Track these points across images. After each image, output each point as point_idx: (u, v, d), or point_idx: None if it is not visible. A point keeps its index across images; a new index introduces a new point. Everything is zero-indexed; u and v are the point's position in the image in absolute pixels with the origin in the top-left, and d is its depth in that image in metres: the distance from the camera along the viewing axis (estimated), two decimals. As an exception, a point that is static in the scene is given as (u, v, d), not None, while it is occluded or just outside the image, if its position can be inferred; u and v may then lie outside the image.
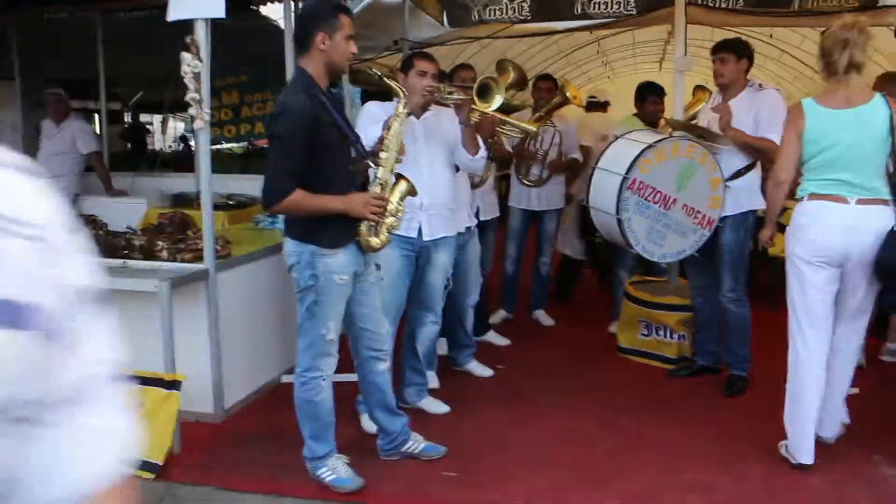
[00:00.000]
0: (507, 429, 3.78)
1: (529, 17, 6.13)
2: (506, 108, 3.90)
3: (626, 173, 4.05)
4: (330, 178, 2.94)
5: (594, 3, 5.91)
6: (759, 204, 4.17)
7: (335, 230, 2.97)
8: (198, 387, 3.74)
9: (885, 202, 3.10)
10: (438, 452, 3.45)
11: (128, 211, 4.94)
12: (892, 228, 3.04)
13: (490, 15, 6.17)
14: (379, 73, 3.35)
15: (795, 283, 3.23)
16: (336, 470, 3.18)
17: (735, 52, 4.15)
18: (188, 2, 3.55)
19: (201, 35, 3.56)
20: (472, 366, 4.56)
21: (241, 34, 6.67)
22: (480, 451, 3.51)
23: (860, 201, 3.09)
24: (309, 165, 2.89)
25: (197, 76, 3.57)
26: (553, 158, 5.31)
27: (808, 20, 5.40)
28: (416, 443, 3.43)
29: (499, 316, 5.65)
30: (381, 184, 3.04)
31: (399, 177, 3.07)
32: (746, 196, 4.17)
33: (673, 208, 4.14)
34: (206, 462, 3.46)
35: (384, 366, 3.33)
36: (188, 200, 5.72)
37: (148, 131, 14.29)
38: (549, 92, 5.26)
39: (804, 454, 3.25)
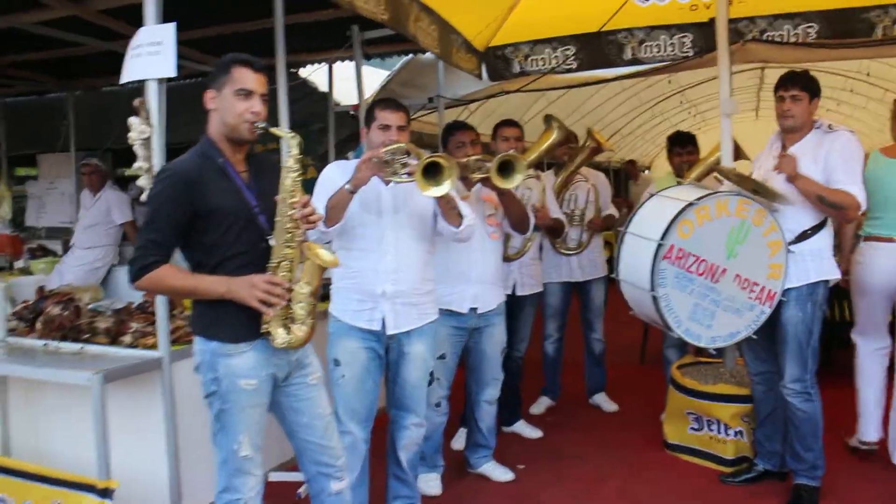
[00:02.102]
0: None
1: (575, 67, 5.57)
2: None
3: (662, 239, 3.33)
4: (228, 255, 2.44)
5: (646, 46, 5.31)
6: (830, 272, 3.42)
7: (236, 322, 2.44)
8: (152, 490, 3.31)
9: None
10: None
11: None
12: None
13: (533, 66, 5.66)
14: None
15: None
16: None
17: (809, 89, 3.43)
18: (138, 63, 3.23)
19: (153, 97, 3.21)
20: (486, 468, 3.90)
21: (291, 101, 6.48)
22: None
23: None
24: (200, 239, 2.43)
25: (146, 142, 3.21)
26: (592, 217, 4.66)
27: (892, 49, 4.58)
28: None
29: (542, 405, 4.97)
30: (278, 261, 2.47)
31: (312, 250, 2.49)
32: (815, 263, 3.41)
33: (722, 280, 3.38)
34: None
35: (338, 485, 2.76)
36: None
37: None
38: (569, 147, 4.65)
39: None
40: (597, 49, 5.44)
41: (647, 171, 14.87)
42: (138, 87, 3.27)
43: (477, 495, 3.70)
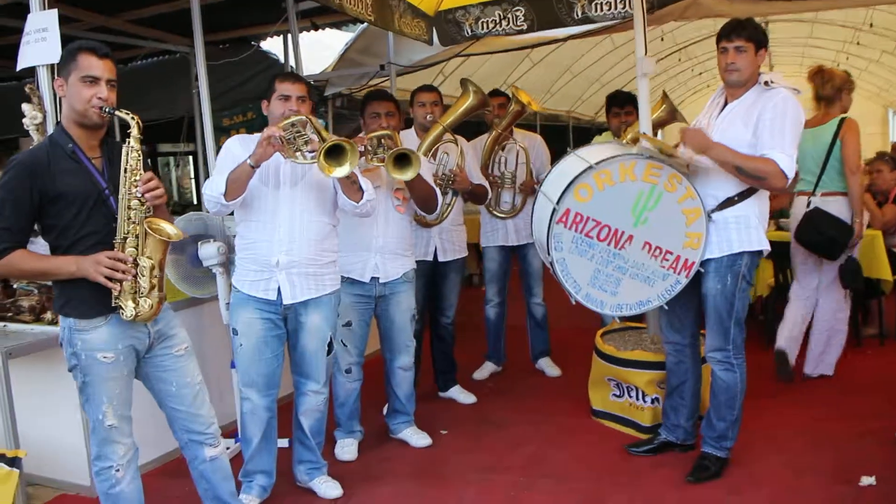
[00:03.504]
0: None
1: (525, 28, 5.47)
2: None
3: (557, 203, 3.23)
4: (80, 236, 2.50)
5: (595, 4, 5.17)
6: (757, 243, 3.22)
7: (87, 298, 2.51)
8: (74, 456, 3.47)
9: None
10: (284, 551, 2.91)
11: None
12: None
13: (483, 28, 5.58)
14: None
15: None
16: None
17: (755, 39, 3.15)
18: (28, 51, 3.29)
19: (43, 83, 3.27)
20: (405, 433, 3.95)
21: (245, 71, 6.52)
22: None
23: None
24: (53, 223, 2.50)
25: (39, 127, 3.28)
26: (524, 180, 4.61)
27: None
28: (256, 540, 2.91)
29: (485, 370, 4.97)
30: (123, 237, 2.51)
31: (153, 225, 2.54)
32: (739, 232, 3.21)
33: (629, 248, 3.26)
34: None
35: (212, 451, 2.84)
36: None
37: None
38: (501, 108, 4.58)
39: None
40: (547, 9, 5.33)
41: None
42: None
43: (388, 461, 3.74)
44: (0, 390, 3.17)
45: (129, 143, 2.52)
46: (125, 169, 2.51)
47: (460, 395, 4.53)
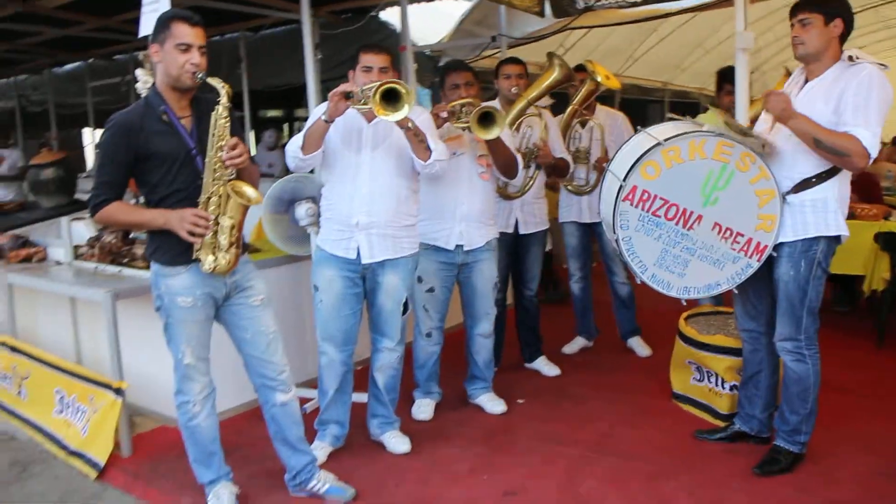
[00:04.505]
0: (459, 481, 3.28)
1: (639, 1, 5.33)
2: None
3: (624, 180, 3.18)
4: (169, 192, 2.77)
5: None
6: (835, 227, 3.06)
7: (172, 248, 2.78)
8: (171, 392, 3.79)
9: None
10: (344, 496, 3.11)
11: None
12: None
13: (596, 0, 5.48)
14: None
15: None
16: (219, 499, 3.03)
17: (822, 10, 2.97)
18: (146, 20, 3.61)
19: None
20: (481, 399, 4.06)
21: (362, 40, 6.73)
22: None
23: None
24: (145, 179, 2.78)
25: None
26: (599, 157, 4.54)
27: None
28: (321, 483, 3.13)
29: (576, 345, 4.99)
30: (207, 197, 2.75)
31: (235, 188, 2.75)
32: (816, 216, 3.07)
33: (697, 228, 3.18)
34: (139, 470, 3.47)
35: (283, 397, 3.07)
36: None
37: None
38: (579, 83, 4.50)
39: None
40: (663, -20, 5.18)
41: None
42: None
43: (461, 424, 3.87)
44: (107, 327, 3.55)
45: (217, 110, 2.74)
46: (213, 134, 2.74)
47: (545, 366, 4.58)
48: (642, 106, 10.63)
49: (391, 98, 3.01)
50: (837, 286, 5.62)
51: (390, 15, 6.66)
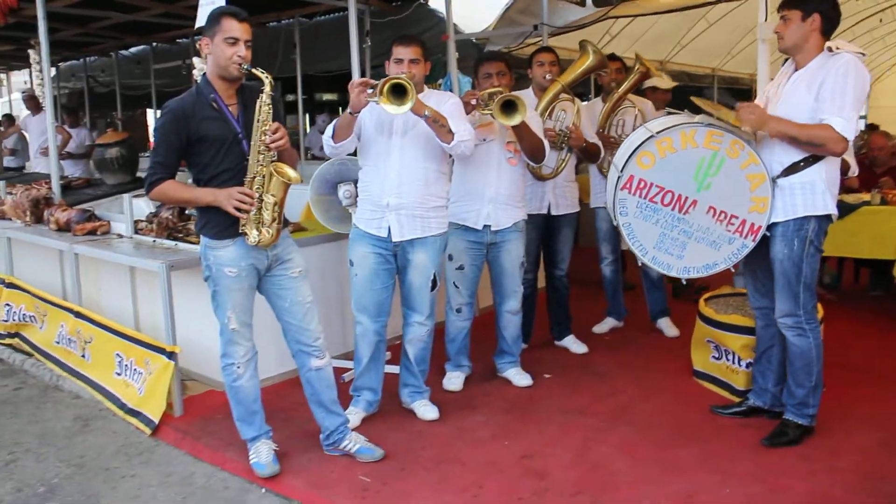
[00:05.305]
0: (481, 446, 3.50)
1: (677, -12, 5.43)
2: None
3: (621, 170, 3.42)
4: (217, 172, 3.04)
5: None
6: (823, 207, 3.24)
7: (219, 223, 3.06)
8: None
9: None
10: (374, 456, 3.36)
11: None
12: None
13: (637, -11, 5.59)
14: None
15: None
16: (259, 454, 3.31)
17: (800, 6, 3.18)
18: (203, 13, 3.93)
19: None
20: (510, 373, 4.28)
21: (410, 28, 6.96)
22: (419, 465, 3.33)
23: None
24: (196, 160, 3.05)
25: (206, 78, 3.87)
26: None
27: None
28: (352, 443, 3.39)
29: (606, 325, 5.17)
30: (252, 176, 3.02)
31: (277, 168, 3.01)
32: (805, 197, 3.24)
33: (693, 212, 3.39)
34: (189, 429, 3.78)
35: (318, 362, 3.33)
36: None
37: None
38: (618, 73, 4.64)
39: None
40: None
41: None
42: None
43: (488, 395, 4.09)
44: (163, 296, 3.87)
45: (262, 98, 3.01)
46: (258, 120, 3.01)
47: (573, 344, 4.77)
48: (691, 93, 10.59)
49: (398, 92, 3.24)
50: (872, 271, 5.66)
51: (439, 3, 6.86)
